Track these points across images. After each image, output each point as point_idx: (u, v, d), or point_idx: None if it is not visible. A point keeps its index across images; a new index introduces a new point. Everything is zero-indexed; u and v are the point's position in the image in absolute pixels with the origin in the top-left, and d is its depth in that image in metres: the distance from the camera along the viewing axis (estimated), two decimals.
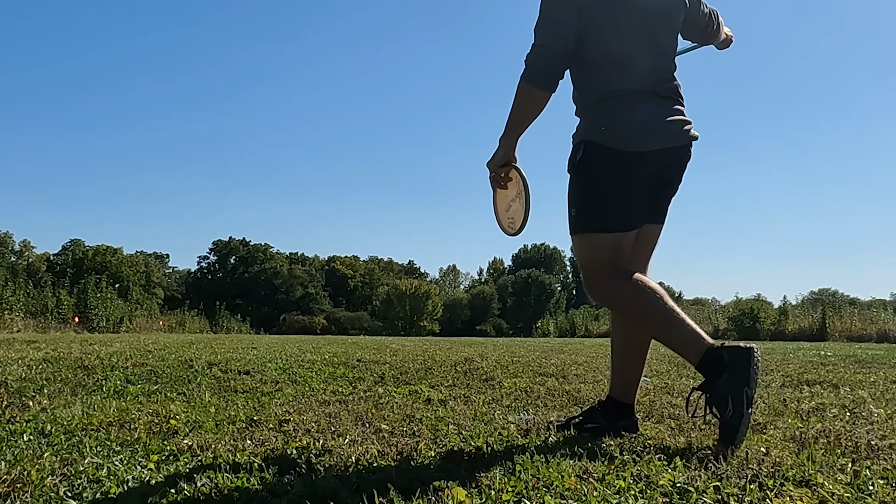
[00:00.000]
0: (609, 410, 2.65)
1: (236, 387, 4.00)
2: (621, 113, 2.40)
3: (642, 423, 2.83)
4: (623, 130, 2.39)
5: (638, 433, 2.59)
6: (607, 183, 2.41)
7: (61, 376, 4.40)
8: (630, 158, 2.39)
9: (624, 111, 2.40)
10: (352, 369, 5.24)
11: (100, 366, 5.10)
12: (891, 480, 1.89)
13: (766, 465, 2.02)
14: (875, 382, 4.72)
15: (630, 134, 2.39)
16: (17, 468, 1.93)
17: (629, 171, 2.41)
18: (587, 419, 2.64)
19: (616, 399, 2.67)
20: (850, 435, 2.56)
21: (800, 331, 17.93)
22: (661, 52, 2.49)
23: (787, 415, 3.13)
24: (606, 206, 2.41)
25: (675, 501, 1.68)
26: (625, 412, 2.64)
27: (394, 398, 3.58)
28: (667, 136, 2.44)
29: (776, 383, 4.62)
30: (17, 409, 3.06)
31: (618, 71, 2.41)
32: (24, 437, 2.41)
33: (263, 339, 13.41)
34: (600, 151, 2.40)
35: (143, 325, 20.35)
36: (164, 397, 3.52)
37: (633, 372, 2.66)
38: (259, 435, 2.50)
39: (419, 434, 2.56)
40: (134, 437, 2.44)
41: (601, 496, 1.68)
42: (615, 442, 2.43)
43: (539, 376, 4.92)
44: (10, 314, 14.59)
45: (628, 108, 2.41)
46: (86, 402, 3.27)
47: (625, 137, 2.38)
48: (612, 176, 2.40)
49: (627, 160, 2.39)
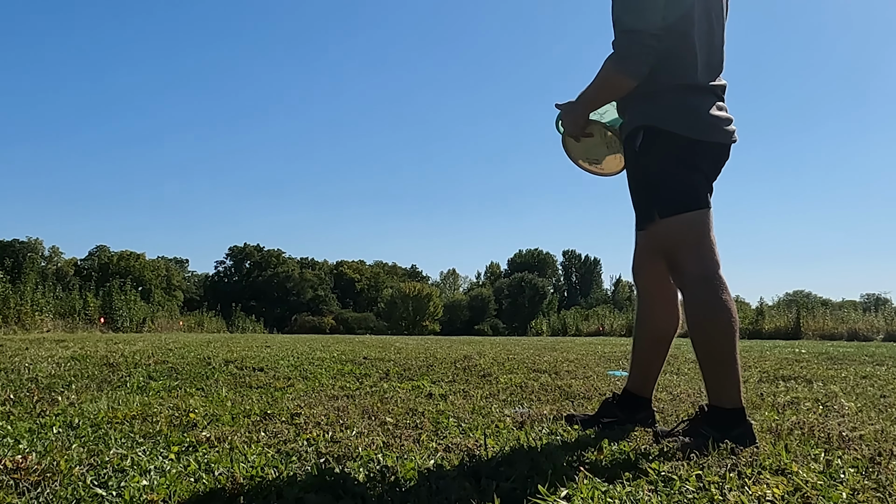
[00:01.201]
0: (627, 403, 2.58)
1: (251, 383, 4.00)
2: (690, 103, 2.28)
3: None
4: (692, 120, 2.26)
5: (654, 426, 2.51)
6: (679, 164, 2.26)
7: (88, 373, 4.40)
8: (694, 146, 2.26)
9: (692, 102, 2.28)
10: (358, 366, 5.23)
11: (124, 363, 5.10)
12: (861, 469, 1.89)
13: (745, 455, 2.02)
14: (846, 378, 4.72)
15: (697, 123, 2.27)
16: (47, 459, 1.92)
17: (695, 156, 2.27)
18: (603, 412, 2.57)
19: (633, 393, 2.59)
20: (823, 427, 2.56)
21: (776, 330, 17.93)
22: (716, 50, 2.37)
23: (763, 408, 3.13)
24: (683, 185, 2.25)
25: (660, 489, 1.68)
26: (642, 405, 2.58)
27: (398, 393, 3.57)
28: (721, 133, 2.32)
29: (754, 379, 4.61)
30: (47, 403, 3.06)
31: (685, 63, 2.26)
32: (53, 429, 2.41)
33: (276, 339, 13.40)
34: (665, 136, 2.25)
35: (164, 325, 20.35)
36: (184, 392, 3.51)
37: (654, 367, 2.58)
38: (272, 427, 2.50)
39: (421, 426, 2.56)
40: (156, 429, 2.44)
41: (591, 485, 1.68)
42: (604, 433, 2.43)
43: (533, 372, 4.91)
44: (40, 315, 14.58)
45: (695, 100, 2.29)
46: (111, 397, 3.27)
47: (693, 126, 2.26)
48: (681, 159, 2.26)
49: (692, 147, 2.26)
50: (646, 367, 2.58)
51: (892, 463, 1.96)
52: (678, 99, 2.28)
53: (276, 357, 6.04)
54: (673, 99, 2.27)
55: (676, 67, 2.26)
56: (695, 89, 2.30)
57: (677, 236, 2.26)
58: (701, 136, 2.26)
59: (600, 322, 25.43)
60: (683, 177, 2.25)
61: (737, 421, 2.18)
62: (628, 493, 1.62)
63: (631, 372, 2.63)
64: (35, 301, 14.54)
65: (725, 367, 2.20)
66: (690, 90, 2.29)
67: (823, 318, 17.71)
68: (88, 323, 16.60)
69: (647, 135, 2.27)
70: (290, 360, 5.75)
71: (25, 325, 13.93)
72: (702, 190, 2.28)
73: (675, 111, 2.26)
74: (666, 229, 2.27)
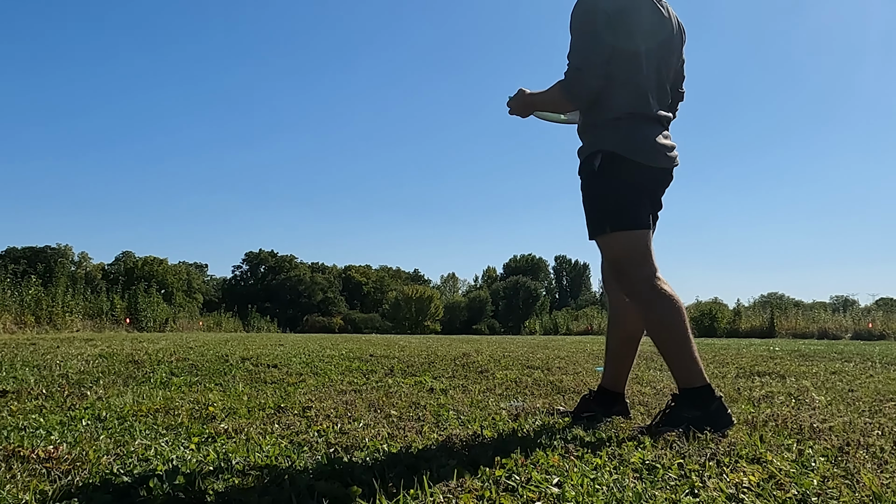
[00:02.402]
0: (603, 399, 2.63)
1: (266, 378, 3.99)
2: (641, 131, 2.40)
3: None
4: (643, 146, 2.38)
5: (628, 418, 2.58)
6: (630, 186, 2.39)
7: (115, 369, 4.40)
8: (645, 171, 2.39)
9: (643, 130, 2.40)
10: (365, 363, 5.23)
11: (148, 360, 5.10)
12: (830, 458, 1.89)
13: (723, 445, 2.02)
14: (816, 373, 4.72)
15: (648, 149, 2.39)
16: (77, 449, 1.93)
17: (644, 180, 2.42)
18: (582, 408, 2.61)
19: (608, 389, 2.65)
20: (795, 419, 2.56)
21: (751, 329, 17.92)
22: (662, 83, 2.49)
23: (740, 401, 3.13)
24: (632, 205, 2.38)
25: (644, 476, 1.68)
26: (617, 400, 2.63)
27: (401, 388, 3.57)
28: (667, 158, 2.45)
29: (731, 374, 4.61)
30: (77, 397, 3.06)
31: (639, 95, 2.40)
32: (82, 422, 2.41)
33: (289, 338, 13.39)
34: (619, 161, 2.37)
35: (185, 325, 20.33)
36: (204, 388, 3.51)
37: (626, 365, 2.65)
38: (285, 420, 2.50)
39: (423, 419, 2.56)
40: (178, 421, 2.44)
41: (580, 472, 1.68)
42: (594, 425, 2.43)
43: (527, 369, 4.91)
44: (70, 316, 14.57)
45: (645, 128, 2.41)
46: (136, 392, 3.26)
47: (642, 152, 2.38)
48: (632, 181, 2.39)
49: (642, 172, 2.39)
50: (619, 365, 2.64)
51: (860, 452, 1.96)
52: (633, 127, 2.40)
53: (289, 355, 6.03)
54: (628, 127, 2.39)
55: (631, 99, 2.39)
56: (646, 118, 2.42)
57: (625, 248, 2.38)
58: (650, 162, 2.39)
59: (589, 322, 25.42)
60: (633, 198, 2.39)
61: (710, 396, 2.25)
62: (615, 480, 1.62)
63: (605, 370, 2.69)
64: (66, 303, 14.52)
65: (684, 349, 2.29)
66: (643, 119, 2.42)
67: (796, 318, 17.72)
68: (115, 323, 16.59)
69: (605, 158, 2.38)
70: (301, 357, 5.75)
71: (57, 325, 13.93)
72: (645, 213, 2.42)
73: (630, 139, 2.38)
74: (616, 241, 2.39)
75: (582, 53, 2.35)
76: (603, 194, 2.42)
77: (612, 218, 2.38)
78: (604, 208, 2.41)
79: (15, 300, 13.15)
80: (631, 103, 2.39)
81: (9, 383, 3.57)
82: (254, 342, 8.82)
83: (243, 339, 10.13)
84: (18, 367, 4.52)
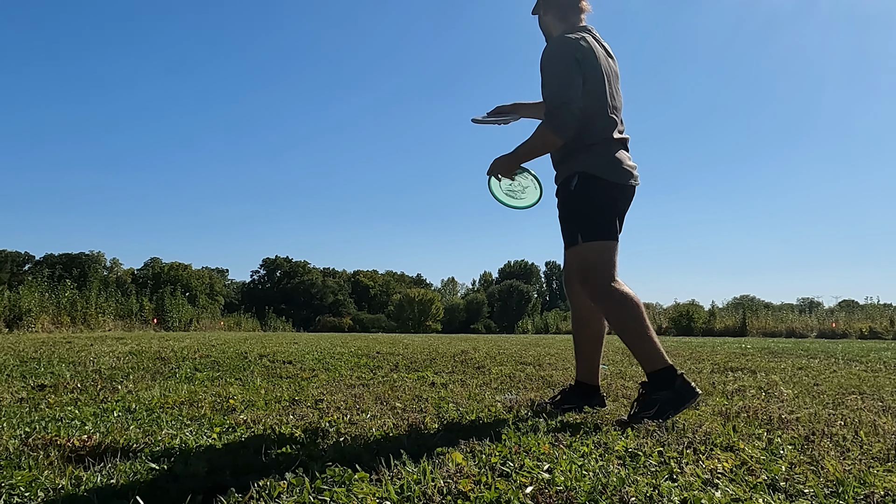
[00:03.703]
0: (581, 392, 2.64)
1: (281, 373, 3.99)
2: (613, 154, 2.48)
3: None
4: (612, 167, 2.47)
5: (604, 408, 2.61)
6: (602, 203, 2.47)
7: (143, 365, 4.39)
8: (616, 189, 2.48)
9: (614, 153, 2.49)
10: (372, 360, 5.22)
11: (174, 357, 5.09)
12: (797, 446, 1.89)
13: (700, 434, 2.01)
14: (784, 369, 4.71)
15: (617, 170, 2.47)
16: (109, 438, 1.92)
17: (616, 198, 2.50)
18: (563, 401, 2.62)
19: (584, 382, 2.66)
20: (765, 410, 2.55)
21: (725, 328, 17.89)
22: (619, 109, 2.57)
23: (715, 394, 3.13)
24: (603, 219, 2.46)
25: (627, 463, 1.68)
26: (593, 392, 2.65)
27: (405, 382, 3.57)
28: (633, 177, 2.53)
29: (707, 370, 4.61)
30: (109, 391, 3.05)
31: (607, 122, 2.48)
32: (114, 413, 2.41)
33: (302, 336, 13.37)
34: (595, 181, 2.45)
35: (208, 325, 20.29)
36: (225, 382, 3.51)
37: (595, 360, 2.67)
38: (299, 411, 2.50)
39: (425, 410, 2.55)
40: (201, 413, 2.43)
41: (569, 459, 1.68)
42: (580, 416, 2.42)
43: (520, 365, 4.90)
44: (102, 317, 14.55)
45: (616, 152, 2.50)
46: (163, 386, 3.26)
47: (613, 172, 2.47)
48: (604, 199, 2.47)
49: (615, 190, 2.48)
50: (590, 361, 2.67)
51: (824, 441, 1.96)
52: (606, 152, 2.48)
53: (303, 352, 6.02)
54: (602, 151, 2.48)
55: (602, 127, 2.47)
56: (616, 142, 2.51)
57: (593, 256, 2.45)
58: (620, 181, 2.48)
59: None
60: (605, 213, 2.47)
61: (672, 375, 2.33)
62: (600, 466, 1.62)
63: (578, 366, 2.70)
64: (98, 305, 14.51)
65: (644, 339, 2.38)
66: (613, 143, 2.50)
67: (766, 319, 17.68)
68: (144, 323, 16.56)
69: (581, 178, 2.46)
70: (314, 354, 5.74)
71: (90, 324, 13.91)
72: (614, 226, 2.50)
73: (603, 161, 2.47)
74: (586, 250, 2.46)
75: (562, 91, 2.39)
76: (579, 209, 2.49)
77: (585, 230, 2.46)
78: (579, 221, 2.48)
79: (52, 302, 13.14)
80: (603, 130, 2.48)
81: (47, 378, 3.56)
82: (270, 340, 8.80)
83: (261, 338, 10.11)
84: (55, 363, 4.52)
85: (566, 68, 2.40)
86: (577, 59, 2.40)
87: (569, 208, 2.53)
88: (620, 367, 4.72)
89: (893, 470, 1.60)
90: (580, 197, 2.47)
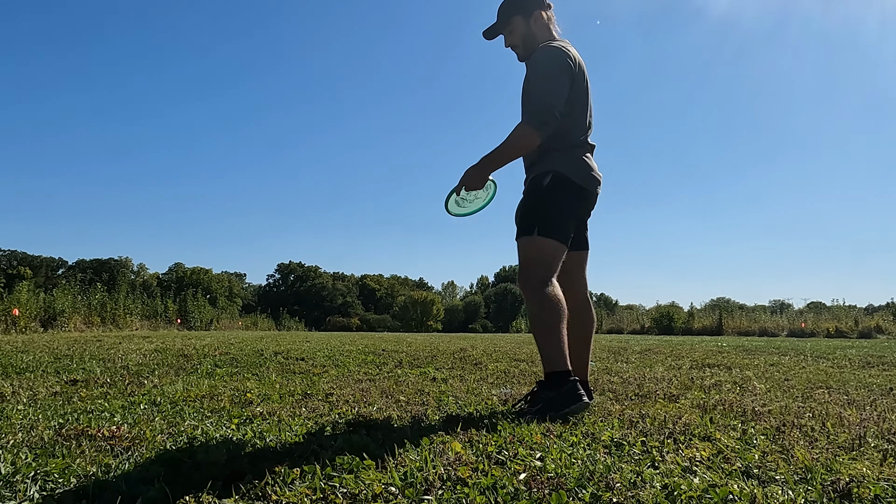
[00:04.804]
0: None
1: (294, 369, 3.98)
2: (583, 159, 2.42)
3: None
4: (584, 172, 2.40)
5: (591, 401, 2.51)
6: (566, 205, 2.38)
7: (168, 362, 4.39)
8: (582, 193, 2.41)
9: (586, 159, 2.43)
10: (378, 356, 5.21)
11: (195, 354, 5.09)
12: (769, 436, 1.88)
13: (679, 426, 2.01)
14: (757, 365, 4.70)
15: (588, 176, 2.41)
16: (136, 429, 1.92)
17: (580, 201, 2.43)
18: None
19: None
20: (740, 403, 2.55)
21: (703, 328, 17.84)
22: (590, 117, 2.50)
23: (693, 389, 3.12)
24: (562, 221, 2.36)
25: (612, 452, 1.67)
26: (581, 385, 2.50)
27: (409, 377, 3.56)
28: (598, 185, 2.47)
29: (686, 366, 4.60)
30: (136, 385, 3.05)
31: (580, 127, 2.43)
32: (140, 406, 2.41)
33: (314, 335, 13.35)
34: (565, 182, 2.37)
35: (227, 324, 20.26)
36: (242, 377, 3.50)
37: (584, 358, 2.56)
38: (311, 404, 2.49)
39: (427, 403, 2.55)
40: (220, 405, 2.43)
41: (559, 448, 1.68)
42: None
43: (514, 361, 4.90)
44: (130, 317, 14.54)
45: (587, 157, 2.44)
46: (185, 381, 3.26)
47: (584, 177, 2.40)
48: (569, 201, 2.39)
49: (580, 194, 2.41)
50: (577, 355, 2.50)
51: (794, 431, 1.95)
52: (578, 154, 2.41)
53: (314, 349, 6.01)
54: (574, 154, 2.41)
55: (575, 131, 2.42)
56: (586, 146, 2.45)
57: (540, 252, 2.33)
58: (588, 186, 2.41)
59: None
60: (566, 215, 2.38)
61: (564, 380, 2.22)
62: (588, 455, 1.62)
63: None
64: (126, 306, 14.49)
65: (551, 341, 2.25)
66: (584, 147, 2.44)
67: (740, 319, 17.64)
68: (168, 323, 16.53)
69: (554, 177, 2.37)
70: (324, 351, 5.73)
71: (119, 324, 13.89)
72: (570, 231, 2.39)
73: (578, 165, 2.40)
74: (536, 244, 2.33)
75: (553, 94, 2.31)
76: (542, 205, 2.38)
77: (543, 225, 2.34)
78: (541, 216, 2.36)
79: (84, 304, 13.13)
80: (579, 135, 2.43)
81: (79, 373, 3.56)
82: (284, 339, 8.79)
83: (276, 337, 10.10)
84: (87, 359, 4.51)
85: (559, 73, 2.33)
86: (569, 66, 2.36)
87: (533, 202, 2.41)
88: (606, 363, 4.72)
89: (858, 458, 1.60)
90: (549, 194, 2.37)
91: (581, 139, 2.44)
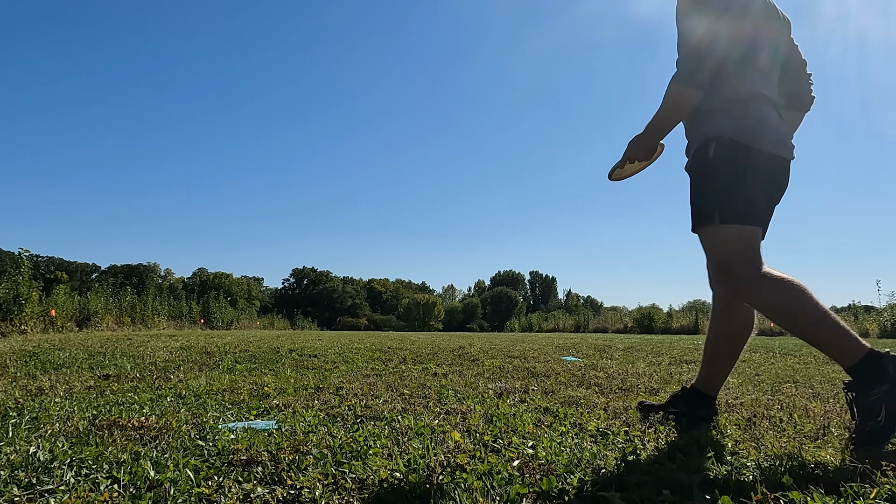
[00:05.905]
0: (691, 399, 1.96)
1: (307, 365, 3.98)
2: (764, 116, 1.72)
3: (575, 389, 2.80)
4: (767, 132, 1.70)
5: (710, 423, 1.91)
6: (746, 177, 1.68)
7: (192, 358, 4.38)
8: (767, 159, 1.70)
9: (766, 115, 1.73)
10: (384, 353, 5.20)
11: (217, 351, 5.08)
12: (741, 427, 1.88)
13: (659, 417, 2.01)
14: None
15: (772, 136, 1.71)
16: (163, 420, 1.92)
17: (763, 170, 1.70)
18: (670, 403, 2.00)
19: (699, 389, 1.97)
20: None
21: (681, 327, 17.80)
22: (777, 69, 1.84)
23: (672, 383, 3.11)
24: (746, 199, 1.67)
25: (598, 441, 1.67)
26: (705, 402, 1.95)
27: (412, 373, 3.55)
28: (789, 149, 1.77)
29: (665, 362, 4.59)
30: (163, 380, 3.05)
31: (759, 76, 1.75)
32: (167, 399, 2.40)
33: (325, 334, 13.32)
34: (737, 148, 1.68)
35: (246, 324, 20.20)
36: (260, 372, 3.50)
37: (723, 367, 1.95)
38: (323, 397, 2.49)
39: (429, 396, 2.54)
40: (240, 398, 2.43)
41: (549, 438, 1.68)
42: (558, 400, 2.41)
43: (508, 358, 4.89)
44: (157, 318, 14.51)
45: (769, 113, 1.74)
46: (208, 376, 3.25)
47: (768, 139, 1.70)
48: (749, 171, 1.68)
49: (764, 160, 1.69)
50: (715, 365, 1.95)
51: (764, 422, 1.95)
52: (753, 110, 1.73)
53: (326, 347, 6.00)
54: (748, 110, 1.72)
55: (751, 79, 1.74)
56: (767, 101, 1.76)
57: (732, 244, 1.67)
58: (775, 151, 1.71)
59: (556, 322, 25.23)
60: (748, 190, 1.68)
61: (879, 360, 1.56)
62: (576, 443, 1.62)
63: (700, 370, 1.99)
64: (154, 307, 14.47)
65: (824, 324, 1.58)
66: (763, 102, 1.75)
67: None
68: (192, 323, 16.50)
69: (719, 144, 1.70)
70: (335, 349, 5.72)
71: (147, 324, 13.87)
72: (760, 208, 1.71)
73: (742, 122, 1.71)
74: (724, 234, 1.68)
75: (697, 34, 1.69)
76: (714, 183, 1.70)
77: (723, 208, 1.68)
78: (714, 198, 1.69)
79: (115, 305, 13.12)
80: (751, 83, 1.73)
81: (111, 369, 3.55)
82: (299, 338, 8.77)
83: (291, 336, 10.07)
84: (118, 356, 4.51)
85: (705, 7, 1.70)
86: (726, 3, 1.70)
87: (703, 182, 1.73)
88: (592, 359, 4.71)
89: (823, 446, 1.60)
90: (720, 168, 1.69)
91: (755, 89, 1.73)
